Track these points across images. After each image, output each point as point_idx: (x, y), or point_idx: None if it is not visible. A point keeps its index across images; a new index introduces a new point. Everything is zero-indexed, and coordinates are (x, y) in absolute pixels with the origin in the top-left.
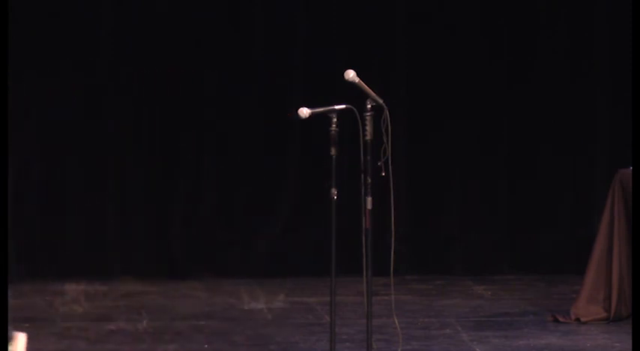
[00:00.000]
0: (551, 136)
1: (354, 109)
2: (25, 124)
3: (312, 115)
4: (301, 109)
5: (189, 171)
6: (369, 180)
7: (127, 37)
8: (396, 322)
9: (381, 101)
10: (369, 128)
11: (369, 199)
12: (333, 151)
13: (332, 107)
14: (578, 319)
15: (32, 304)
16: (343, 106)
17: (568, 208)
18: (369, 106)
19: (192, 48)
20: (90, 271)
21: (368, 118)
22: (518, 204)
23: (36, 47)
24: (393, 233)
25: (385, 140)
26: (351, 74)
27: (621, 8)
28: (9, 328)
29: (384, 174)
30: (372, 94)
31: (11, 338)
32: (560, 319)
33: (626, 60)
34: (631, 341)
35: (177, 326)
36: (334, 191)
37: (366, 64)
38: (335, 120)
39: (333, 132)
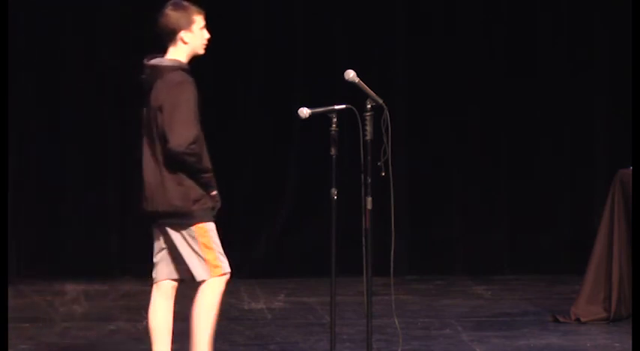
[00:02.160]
0: (551, 137)
1: (354, 109)
2: (25, 124)
3: (312, 115)
4: (301, 109)
5: None
6: (369, 180)
7: (127, 35)
8: (396, 322)
9: (381, 101)
10: (369, 128)
11: (369, 199)
12: (333, 151)
13: (332, 107)
14: (578, 319)
15: (32, 304)
16: (343, 106)
17: (568, 208)
18: (369, 106)
19: None
20: (90, 271)
21: (368, 118)
22: (518, 204)
23: (36, 46)
24: (393, 233)
25: (385, 140)
26: (351, 74)
27: (621, 11)
28: None
29: (384, 174)
30: (372, 94)
31: None
32: (560, 319)
33: (626, 60)
34: (631, 341)
35: (177, 326)
36: (334, 191)
37: (366, 64)
38: (335, 120)
39: (333, 132)
